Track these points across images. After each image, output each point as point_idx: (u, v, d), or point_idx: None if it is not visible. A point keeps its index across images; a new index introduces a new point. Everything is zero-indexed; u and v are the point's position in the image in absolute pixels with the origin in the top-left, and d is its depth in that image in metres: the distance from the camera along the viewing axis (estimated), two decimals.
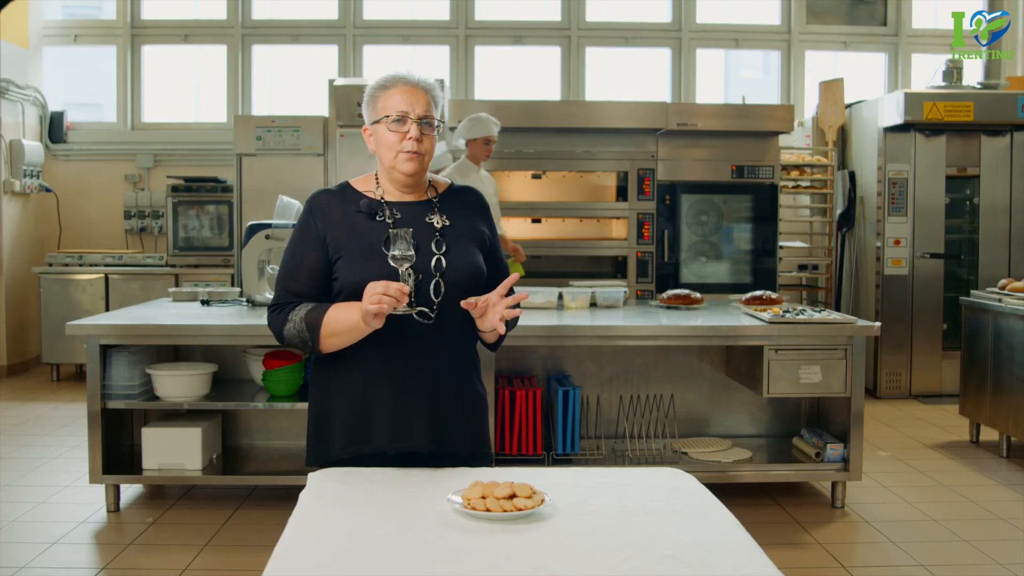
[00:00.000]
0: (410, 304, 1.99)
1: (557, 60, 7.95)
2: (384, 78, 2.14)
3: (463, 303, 2.00)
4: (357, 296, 2.00)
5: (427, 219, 2.13)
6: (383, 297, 1.90)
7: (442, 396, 2.11)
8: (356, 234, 2.09)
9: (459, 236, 2.13)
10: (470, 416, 2.17)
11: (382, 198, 2.15)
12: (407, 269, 2.00)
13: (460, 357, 2.16)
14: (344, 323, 2.02)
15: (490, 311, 2.02)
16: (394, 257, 1.98)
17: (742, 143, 6.61)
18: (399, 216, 2.12)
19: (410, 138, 2.06)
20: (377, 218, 2.11)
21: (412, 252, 1.98)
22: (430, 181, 2.21)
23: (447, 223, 2.14)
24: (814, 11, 7.98)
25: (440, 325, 2.08)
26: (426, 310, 2.07)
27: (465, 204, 2.21)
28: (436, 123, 2.12)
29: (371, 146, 2.16)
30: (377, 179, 2.18)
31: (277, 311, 2.13)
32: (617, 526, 1.71)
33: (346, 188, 2.19)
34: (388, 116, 2.08)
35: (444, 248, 2.10)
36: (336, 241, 2.10)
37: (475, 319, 2.06)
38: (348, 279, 2.06)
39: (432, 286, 2.07)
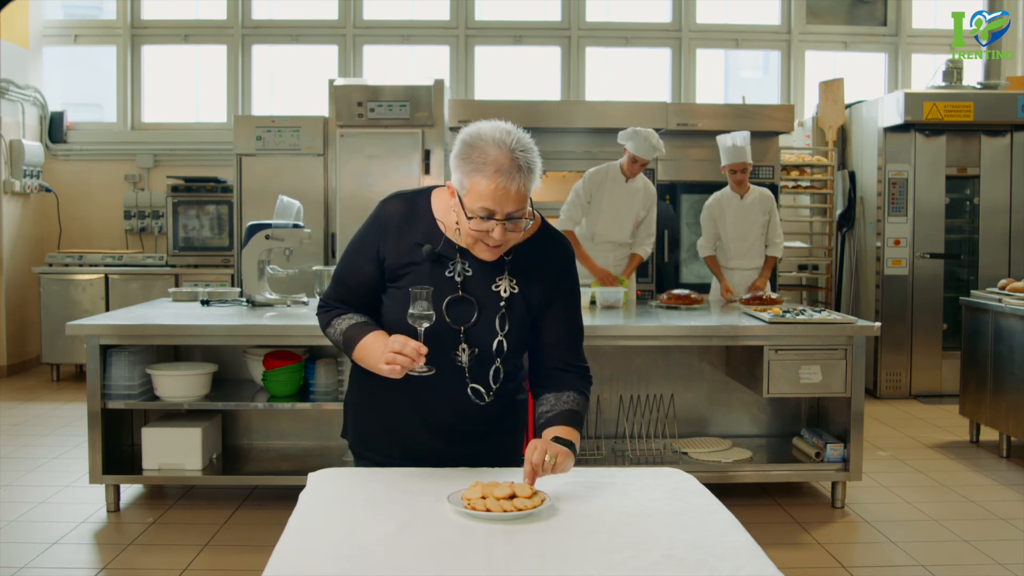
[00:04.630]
0: (427, 366, 1.87)
1: (557, 60, 7.96)
2: (482, 149, 1.82)
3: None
4: (397, 332, 1.92)
5: (494, 286, 1.95)
6: (397, 357, 1.82)
7: (474, 440, 2.04)
8: (414, 275, 1.94)
9: (525, 305, 1.98)
10: (505, 434, 2.10)
11: (456, 244, 1.96)
12: (426, 329, 1.89)
13: (502, 414, 2.07)
14: (370, 358, 1.94)
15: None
16: (412, 316, 1.87)
17: None
18: (469, 274, 1.94)
19: (492, 236, 1.85)
20: (447, 273, 1.94)
21: (432, 312, 1.87)
22: None
23: (515, 290, 1.96)
24: (814, 11, 7.98)
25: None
26: (481, 390, 1.98)
27: (545, 260, 2.01)
28: (527, 215, 1.87)
29: (451, 203, 1.91)
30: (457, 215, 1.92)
31: (325, 311, 2.07)
32: (617, 526, 1.70)
33: (422, 203, 1.99)
34: (472, 216, 1.84)
35: (507, 328, 1.95)
36: (392, 269, 1.97)
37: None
38: (393, 318, 1.96)
39: (492, 371, 1.97)
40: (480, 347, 1.95)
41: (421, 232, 1.97)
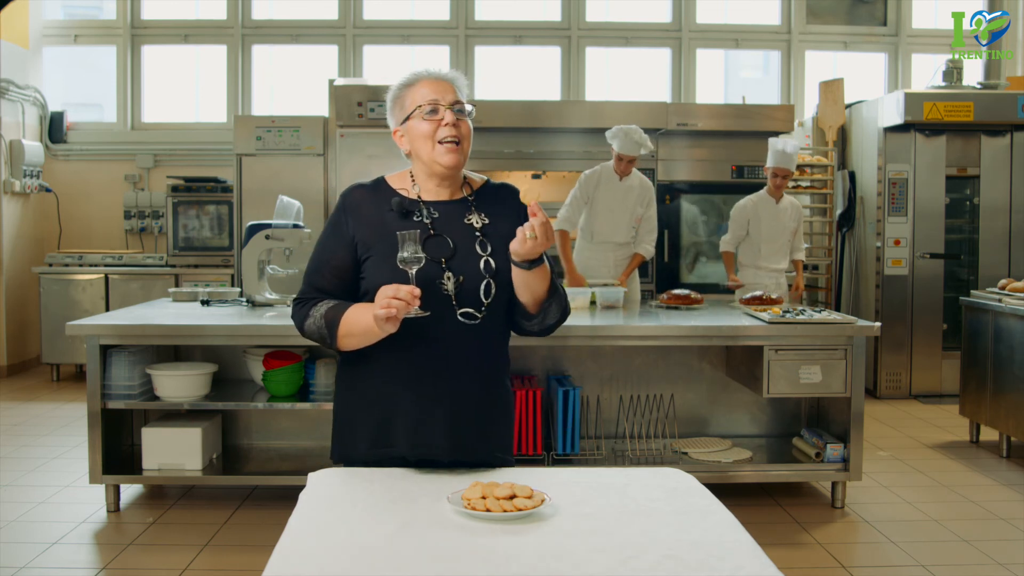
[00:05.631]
0: (422, 307, 1.92)
1: (557, 60, 7.96)
2: (406, 77, 2.10)
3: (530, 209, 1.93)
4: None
5: (466, 220, 2.08)
6: (392, 301, 1.85)
7: (465, 404, 2.06)
8: (387, 235, 2.02)
9: (498, 236, 2.08)
10: (493, 424, 2.12)
11: (418, 196, 2.09)
12: (416, 271, 1.94)
13: (489, 362, 2.10)
14: (359, 325, 1.97)
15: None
16: (403, 259, 1.92)
17: (742, 143, 6.61)
18: (437, 215, 2.07)
19: (446, 124, 2.01)
20: (415, 218, 2.06)
21: (421, 254, 1.93)
22: (465, 178, 2.15)
23: (486, 222, 2.09)
24: (814, 11, 7.99)
25: (476, 328, 2.04)
26: (471, 311, 2.02)
27: (503, 202, 2.15)
28: (469, 109, 2.07)
29: (404, 147, 2.10)
30: (412, 177, 2.12)
31: (301, 305, 2.10)
32: (617, 526, 1.70)
33: (380, 184, 2.13)
34: (420, 107, 2.03)
35: (490, 249, 2.05)
36: (366, 241, 2.05)
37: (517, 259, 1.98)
38: (375, 280, 2.00)
39: (483, 287, 2.03)
40: (465, 274, 2.02)
41: (387, 202, 2.08)
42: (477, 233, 2.07)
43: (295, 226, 4.48)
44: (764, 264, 5.43)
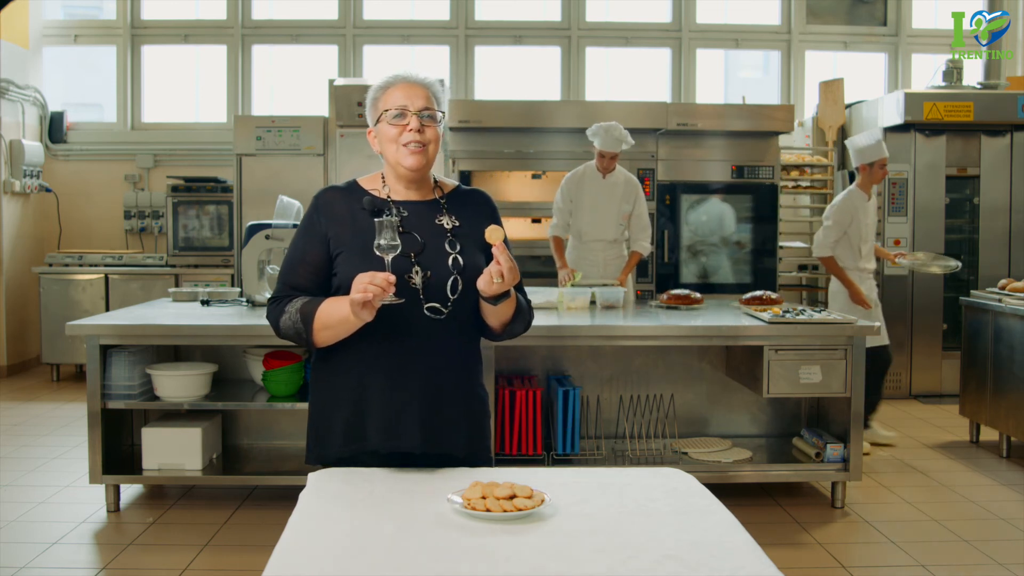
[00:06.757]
0: (397, 294, 1.96)
1: (557, 60, 7.96)
2: (383, 79, 2.15)
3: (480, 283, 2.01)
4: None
5: (436, 221, 2.13)
6: (368, 286, 1.88)
7: (436, 396, 2.08)
8: (358, 231, 2.08)
9: (468, 238, 2.12)
10: (466, 418, 2.14)
11: (388, 197, 2.14)
12: (392, 259, 1.97)
13: (459, 357, 2.13)
14: (336, 316, 2.00)
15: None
16: (379, 246, 1.95)
17: (742, 143, 6.61)
18: (406, 214, 2.11)
19: (410, 130, 2.07)
20: (385, 214, 2.09)
21: (398, 242, 1.96)
22: (436, 181, 2.20)
23: (456, 224, 2.13)
24: (814, 11, 7.99)
25: (444, 323, 2.07)
26: (437, 305, 2.05)
27: (473, 206, 2.19)
28: (439, 115, 2.11)
29: (375, 147, 2.16)
30: (383, 178, 2.18)
31: (276, 304, 2.13)
32: (617, 526, 1.70)
33: (353, 186, 2.19)
34: (388, 111, 2.09)
35: (459, 248, 2.09)
36: (338, 238, 2.10)
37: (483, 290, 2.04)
38: (347, 275, 2.03)
39: (450, 283, 2.06)
40: (433, 269, 2.06)
41: (359, 201, 2.13)
42: (448, 234, 2.11)
43: (295, 226, 4.48)
44: (864, 265, 5.12)
